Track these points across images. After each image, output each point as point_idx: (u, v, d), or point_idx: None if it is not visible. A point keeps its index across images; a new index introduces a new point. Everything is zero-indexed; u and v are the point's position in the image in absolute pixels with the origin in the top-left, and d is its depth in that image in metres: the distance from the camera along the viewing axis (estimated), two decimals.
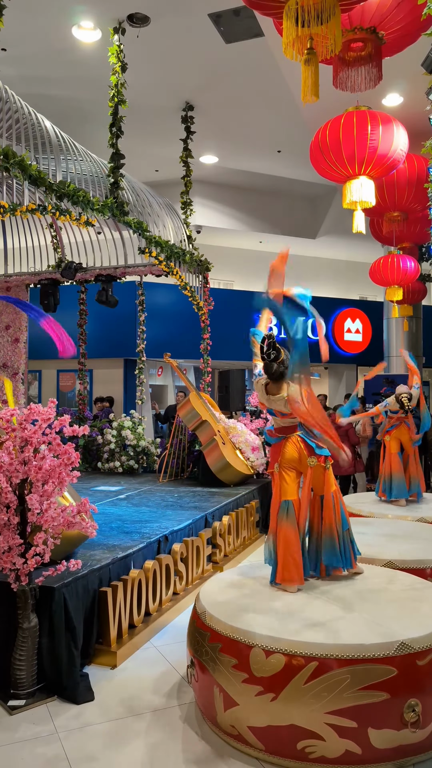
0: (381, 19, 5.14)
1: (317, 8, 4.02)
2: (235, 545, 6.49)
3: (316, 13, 4.02)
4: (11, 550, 3.43)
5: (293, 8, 4.08)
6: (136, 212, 8.23)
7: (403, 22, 5.12)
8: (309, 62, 4.20)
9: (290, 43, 4.20)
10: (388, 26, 5.23)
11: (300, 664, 2.83)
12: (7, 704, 3.36)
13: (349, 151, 6.11)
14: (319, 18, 4.03)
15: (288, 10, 4.12)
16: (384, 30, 5.28)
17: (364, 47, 5.40)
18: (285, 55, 4.30)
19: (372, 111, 6.23)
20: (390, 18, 5.11)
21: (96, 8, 7.34)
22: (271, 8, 4.31)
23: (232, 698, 2.96)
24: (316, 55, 4.26)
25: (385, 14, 5.08)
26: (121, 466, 9.11)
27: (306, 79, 4.19)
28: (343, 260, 17.25)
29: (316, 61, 4.25)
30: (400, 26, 5.18)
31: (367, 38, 5.33)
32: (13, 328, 10.32)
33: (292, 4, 4.07)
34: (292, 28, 4.12)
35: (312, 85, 4.17)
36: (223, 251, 14.93)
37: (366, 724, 2.75)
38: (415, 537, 5.14)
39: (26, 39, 7.92)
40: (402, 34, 5.30)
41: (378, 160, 6.15)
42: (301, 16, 4.05)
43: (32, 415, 3.55)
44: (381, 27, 5.26)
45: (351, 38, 5.31)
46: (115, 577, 4.25)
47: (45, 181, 6.22)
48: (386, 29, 5.27)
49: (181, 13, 7.35)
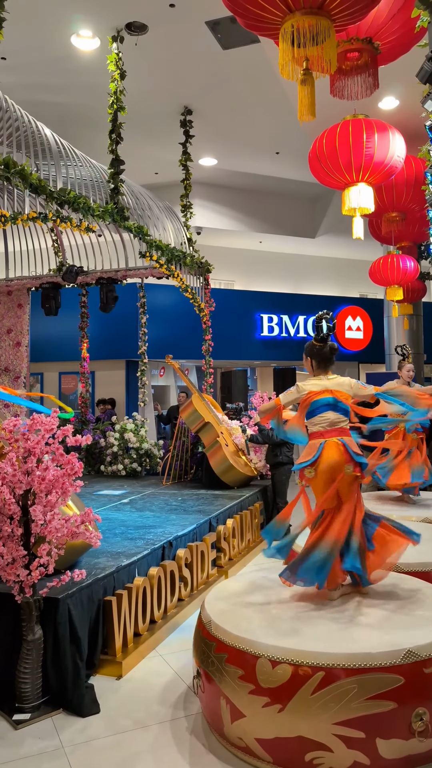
0: (377, 30, 5.22)
1: (312, 30, 4.07)
2: (239, 548, 6.48)
3: (312, 35, 4.07)
4: (15, 562, 3.41)
5: (289, 30, 4.12)
6: (136, 216, 8.22)
7: (398, 32, 5.20)
8: (305, 82, 4.24)
9: (286, 64, 4.25)
10: (384, 37, 5.31)
11: (307, 674, 2.81)
12: (12, 718, 3.35)
13: (346, 159, 6.15)
14: (314, 40, 4.08)
15: (284, 32, 4.16)
16: (379, 40, 5.36)
17: (360, 57, 5.45)
18: (282, 75, 4.33)
19: (368, 119, 6.25)
20: (385, 29, 5.19)
21: (94, 17, 7.37)
22: (268, 29, 4.36)
23: (239, 710, 2.94)
24: (312, 76, 4.32)
25: (381, 25, 5.15)
26: (124, 469, 9.10)
27: (303, 99, 4.22)
28: (343, 258, 17.22)
29: (312, 81, 4.30)
30: (395, 37, 5.26)
31: (363, 48, 5.39)
32: (14, 332, 10.31)
33: (288, 26, 4.12)
34: (288, 49, 4.16)
35: (308, 104, 4.20)
36: (223, 252, 14.92)
37: (374, 735, 2.73)
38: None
39: (26, 48, 7.96)
40: (397, 44, 5.38)
41: (375, 168, 6.16)
42: (297, 38, 4.10)
43: (35, 425, 3.54)
44: (377, 37, 5.33)
45: (347, 48, 5.37)
46: (119, 585, 4.23)
47: (46, 189, 6.22)
48: (381, 39, 5.34)
49: (178, 21, 7.38)
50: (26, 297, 10.37)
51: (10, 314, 10.32)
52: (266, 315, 14.59)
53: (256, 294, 14.87)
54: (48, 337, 12.05)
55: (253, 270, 16.37)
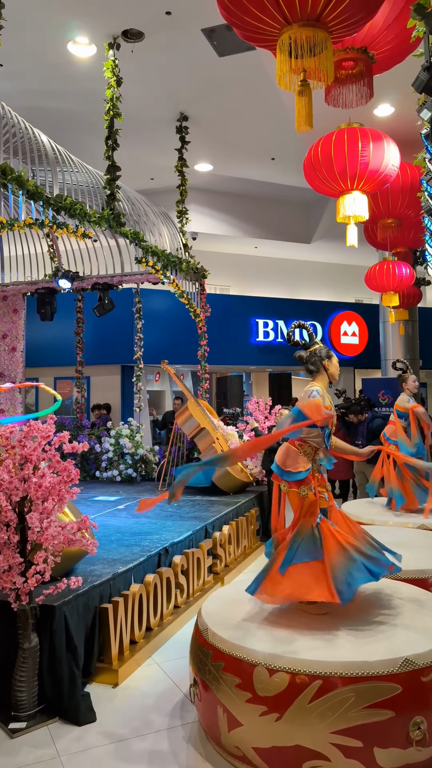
0: (372, 39, 5.25)
1: (309, 42, 4.10)
2: (235, 555, 6.47)
3: (309, 47, 4.11)
4: (11, 569, 3.40)
5: (286, 42, 4.15)
6: (132, 222, 8.24)
7: (393, 42, 5.24)
8: (302, 93, 4.27)
9: (284, 75, 4.28)
10: (379, 46, 5.34)
11: (304, 682, 2.81)
12: (7, 727, 3.33)
13: (341, 167, 6.18)
14: (311, 51, 4.11)
15: (281, 44, 4.19)
16: (375, 50, 5.39)
17: (356, 65, 5.48)
18: (279, 86, 4.35)
19: (363, 128, 6.28)
20: (380, 39, 5.22)
21: (91, 24, 7.41)
22: (265, 41, 4.39)
23: (236, 718, 2.93)
24: (309, 87, 4.35)
25: (376, 35, 5.18)
26: (120, 475, 9.09)
27: (300, 110, 4.26)
28: (338, 264, 17.28)
29: (310, 93, 4.34)
30: (390, 46, 5.29)
31: (359, 57, 5.42)
32: (10, 337, 10.29)
33: (285, 38, 4.14)
34: (286, 60, 4.20)
35: (306, 115, 4.24)
36: (219, 257, 14.95)
37: (372, 744, 2.73)
38: (416, 545, 5.09)
39: (22, 54, 7.98)
40: (392, 54, 5.41)
41: (370, 176, 6.21)
42: (294, 50, 4.13)
43: (31, 432, 3.53)
44: (372, 47, 5.36)
45: (343, 57, 5.40)
46: (115, 592, 4.22)
47: (42, 196, 6.23)
48: (377, 49, 5.38)
49: (175, 28, 7.42)
50: (22, 302, 10.36)
51: (5, 319, 10.30)
52: (262, 320, 14.62)
53: (252, 299, 14.90)
54: (43, 343, 12.03)
55: (248, 275, 16.41)
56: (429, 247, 6.07)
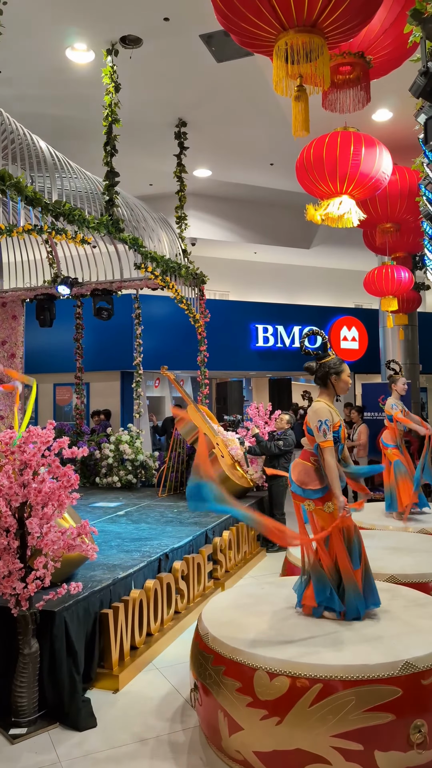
0: (369, 44, 5.27)
1: (306, 48, 4.13)
2: (236, 560, 6.46)
3: (305, 53, 4.14)
4: (11, 575, 3.40)
5: (283, 47, 4.18)
6: (131, 227, 8.26)
7: (390, 47, 5.26)
8: (299, 99, 4.29)
9: (280, 80, 4.31)
10: (376, 51, 5.36)
11: (304, 686, 2.81)
12: (8, 733, 3.32)
13: (331, 167, 6.17)
14: (307, 57, 4.14)
15: (278, 50, 4.22)
16: (372, 54, 5.41)
17: (353, 70, 5.51)
18: (276, 92, 4.38)
19: (357, 133, 6.30)
20: (377, 43, 5.24)
21: (89, 31, 7.43)
22: (262, 46, 4.42)
23: (237, 722, 2.93)
24: (306, 92, 4.37)
25: (373, 40, 5.20)
26: (120, 481, 9.08)
27: (297, 115, 4.29)
28: (338, 269, 17.30)
29: (306, 98, 4.37)
30: (387, 51, 5.31)
31: (356, 62, 5.44)
32: (9, 344, 10.30)
33: (282, 44, 4.18)
34: (282, 66, 4.23)
35: (303, 120, 4.27)
36: (218, 262, 14.97)
37: (372, 747, 2.72)
38: (417, 550, 5.11)
39: (21, 60, 8.02)
40: (389, 59, 5.43)
41: (360, 180, 6.19)
42: (291, 55, 4.16)
43: (31, 437, 3.53)
44: (369, 52, 5.38)
45: (339, 62, 5.42)
46: (116, 598, 4.22)
47: (41, 202, 6.24)
48: (374, 54, 5.39)
49: (173, 34, 7.45)
50: (21, 308, 10.37)
51: (4, 326, 10.31)
52: (261, 325, 14.63)
53: (251, 304, 14.91)
54: (43, 349, 12.04)
55: (247, 281, 16.43)
56: (428, 252, 6.07)
